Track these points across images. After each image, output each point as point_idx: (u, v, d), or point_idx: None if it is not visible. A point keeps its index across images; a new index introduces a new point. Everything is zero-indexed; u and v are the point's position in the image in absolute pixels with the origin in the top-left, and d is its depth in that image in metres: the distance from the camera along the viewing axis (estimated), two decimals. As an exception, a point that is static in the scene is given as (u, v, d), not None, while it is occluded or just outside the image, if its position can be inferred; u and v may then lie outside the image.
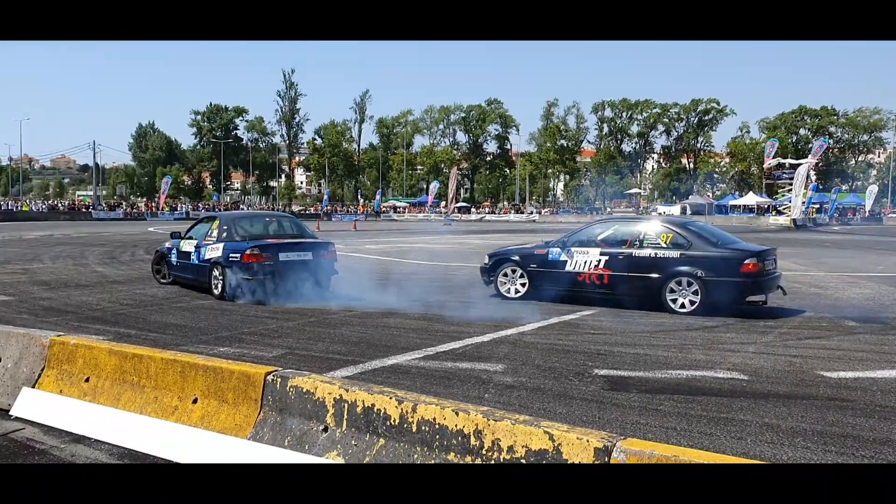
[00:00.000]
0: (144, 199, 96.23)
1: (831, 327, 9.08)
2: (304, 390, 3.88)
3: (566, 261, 10.97)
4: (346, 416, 3.71)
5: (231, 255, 11.02)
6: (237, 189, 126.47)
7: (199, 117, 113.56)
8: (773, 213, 69.12)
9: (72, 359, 4.88)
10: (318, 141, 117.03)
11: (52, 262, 17.96)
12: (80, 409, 4.64)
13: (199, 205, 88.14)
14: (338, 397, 3.75)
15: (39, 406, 4.81)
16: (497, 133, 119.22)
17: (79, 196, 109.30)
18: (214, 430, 4.07)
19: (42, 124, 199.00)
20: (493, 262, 11.92)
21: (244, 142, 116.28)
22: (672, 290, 10.04)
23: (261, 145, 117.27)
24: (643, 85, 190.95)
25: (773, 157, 68.54)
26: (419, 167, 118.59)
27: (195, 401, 4.27)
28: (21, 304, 10.45)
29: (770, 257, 10.26)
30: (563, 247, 11.16)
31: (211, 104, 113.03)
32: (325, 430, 3.76)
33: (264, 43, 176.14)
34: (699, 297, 9.81)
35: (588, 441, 3.00)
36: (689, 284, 9.92)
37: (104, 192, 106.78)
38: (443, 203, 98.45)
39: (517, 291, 11.49)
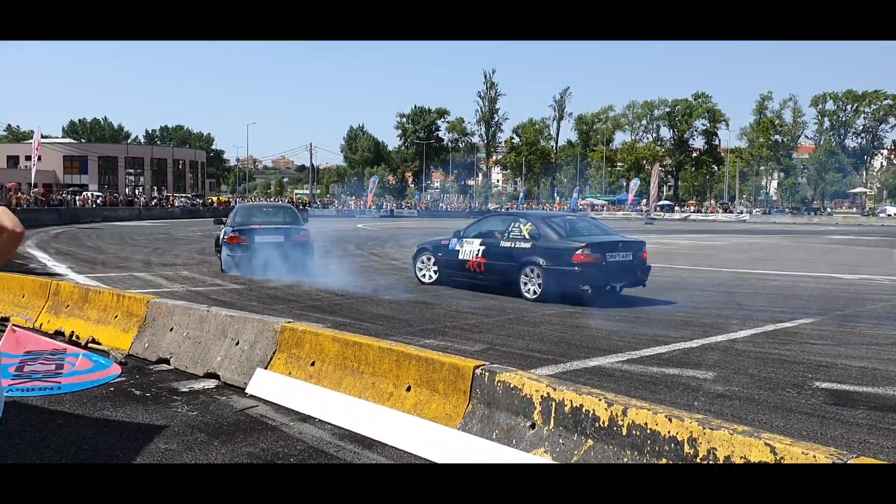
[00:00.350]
0: (353, 198, 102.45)
1: None
2: (512, 386, 3.95)
3: (459, 250, 12.15)
4: (553, 415, 3.73)
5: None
6: (437, 188, 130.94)
7: (403, 119, 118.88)
8: None
9: (300, 344, 5.32)
10: (516, 139, 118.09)
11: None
12: (306, 390, 5.04)
13: (402, 203, 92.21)
14: (545, 395, 3.78)
15: (271, 386, 5.28)
16: (704, 128, 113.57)
17: (296, 194, 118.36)
18: (426, 417, 4.26)
19: (265, 128, 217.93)
20: (416, 252, 13.41)
21: (445, 142, 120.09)
22: (525, 277, 10.99)
23: (460, 145, 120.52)
24: (870, 75, 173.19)
25: None
26: (619, 164, 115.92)
27: (409, 388, 4.49)
28: (250, 292, 11.53)
29: (618, 249, 10.67)
30: (458, 238, 12.34)
31: (415, 107, 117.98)
32: (533, 426, 3.80)
33: (466, 44, 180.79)
34: (542, 285, 10.69)
35: (815, 457, 2.80)
36: (535, 273, 10.85)
37: (318, 191, 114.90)
38: (643, 201, 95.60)
39: (430, 277, 12.83)
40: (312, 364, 5.16)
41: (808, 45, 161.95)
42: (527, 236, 11.19)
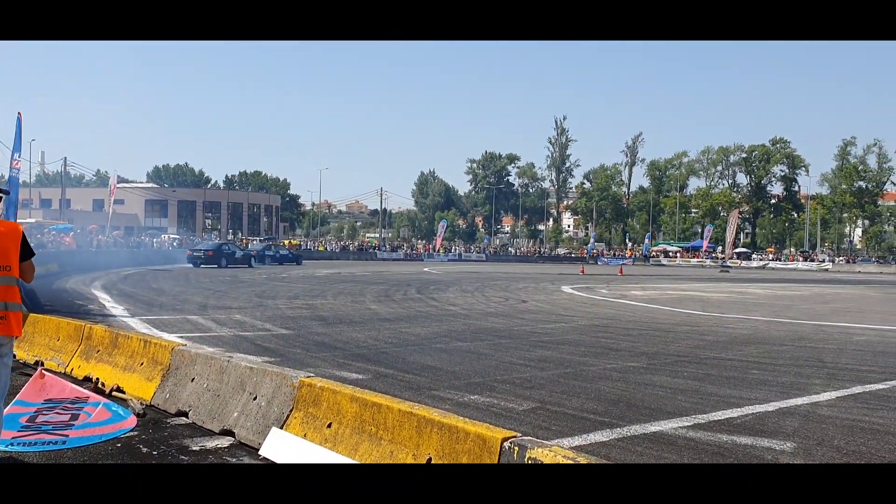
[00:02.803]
0: (423, 241, 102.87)
1: None
2: (544, 464, 3.32)
3: None
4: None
5: None
6: (507, 232, 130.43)
7: (474, 165, 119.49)
8: None
9: (317, 402, 4.80)
10: (587, 185, 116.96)
11: (334, 298, 19.38)
12: (321, 456, 4.50)
13: (471, 247, 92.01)
14: (582, 479, 3.13)
15: (285, 449, 4.76)
16: (783, 174, 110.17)
17: (367, 237, 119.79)
18: (445, 497, 3.65)
19: (340, 172, 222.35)
20: None
21: (515, 187, 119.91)
22: None
23: (530, 190, 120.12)
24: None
25: None
26: (693, 210, 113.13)
27: (429, 460, 3.90)
28: (297, 338, 11.15)
29: None
30: None
31: (486, 152, 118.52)
32: (567, 516, 3.15)
33: (538, 90, 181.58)
34: None
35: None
36: None
37: (389, 234, 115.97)
38: (719, 248, 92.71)
39: None
40: (329, 426, 4.62)
41: (894, 89, 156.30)
42: None
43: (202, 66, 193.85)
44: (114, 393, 6.53)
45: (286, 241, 75.95)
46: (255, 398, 5.30)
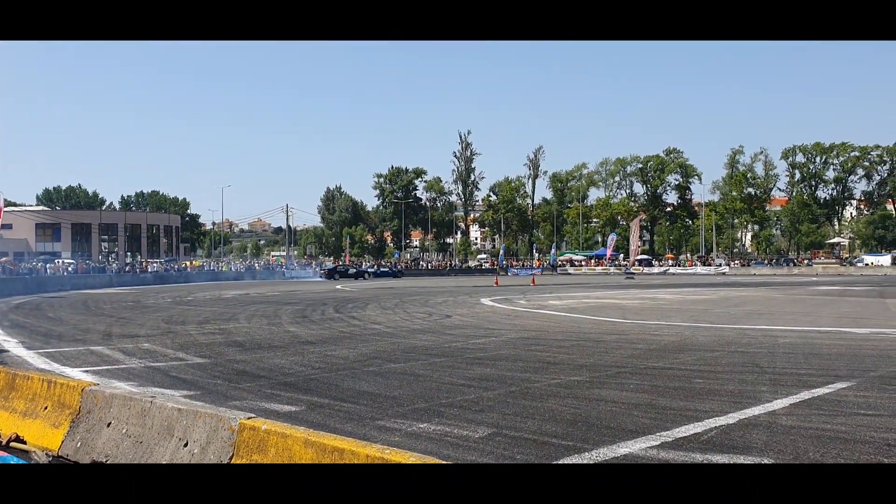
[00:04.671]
0: (332, 258, 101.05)
1: None
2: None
3: None
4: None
5: None
6: (416, 246, 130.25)
7: (381, 179, 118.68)
8: None
9: (263, 448, 4.15)
10: (493, 197, 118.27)
11: (248, 321, 18.37)
12: (271, 511, 3.85)
13: (381, 262, 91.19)
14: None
15: (227, 504, 4.08)
16: (677, 183, 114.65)
17: (272, 256, 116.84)
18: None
19: (241, 191, 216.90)
20: None
21: (423, 201, 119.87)
22: None
23: (438, 204, 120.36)
24: (838, 128, 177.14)
25: None
26: (594, 220, 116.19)
27: (408, 514, 3.33)
28: (215, 367, 10.29)
29: None
30: None
31: (392, 167, 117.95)
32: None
33: (442, 105, 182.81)
34: None
35: None
36: None
37: (295, 253, 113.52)
38: (621, 255, 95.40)
39: None
40: (280, 475, 3.98)
41: (778, 99, 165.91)
42: None
43: (92, 79, 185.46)
44: (12, 444, 5.62)
45: (187, 263, 73.01)
46: (185, 444, 4.58)
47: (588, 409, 7.20)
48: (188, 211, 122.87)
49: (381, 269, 73.82)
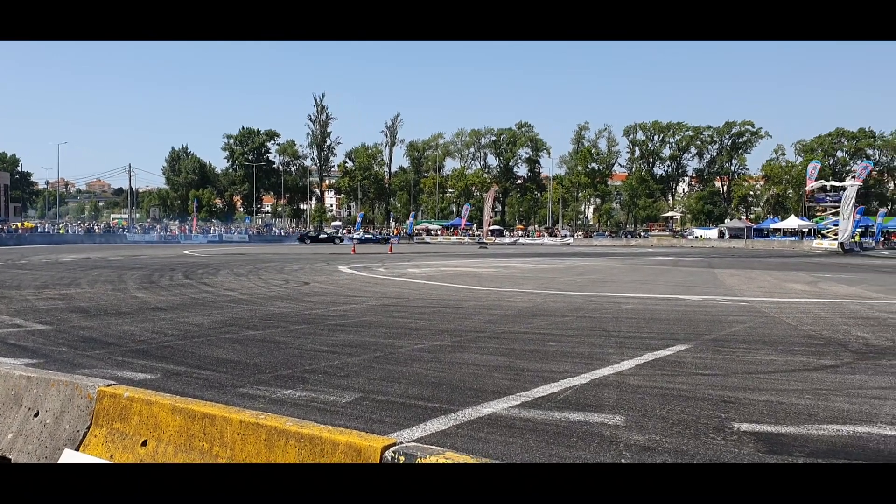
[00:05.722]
0: (177, 222, 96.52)
1: (972, 368, 7.90)
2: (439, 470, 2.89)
3: None
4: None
5: None
6: (268, 212, 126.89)
7: (231, 141, 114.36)
8: (818, 237, 67.13)
9: (125, 416, 3.95)
10: (349, 164, 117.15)
11: (91, 286, 17.26)
12: (135, 481, 3.69)
13: (232, 227, 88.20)
14: (492, 487, 2.75)
15: (85, 476, 3.86)
16: (528, 156, 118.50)
17: (113, 219, 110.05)
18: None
19: (79, 149, 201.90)
20: None
21: (276, 165, 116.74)
22: None
23: (292, 168, 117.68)
24: (676, 108, 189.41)
25: (816, 180, 66.71)
26: (450, 190, 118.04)
27: (285, 478, 3.29)
28: (59, 333, 9.62)
29: None
30: None
31: (243, 128, 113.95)
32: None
33: (296, 66, 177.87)
34: None
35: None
36: None
37: (138, 216, 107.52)
38: (475, 226, 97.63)
39: None
40: (144, 444, 3.82)
41: (622, 77, 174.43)
42: None
43: None
44: None
45: (18, 224, 67.35)
46: (36, 415, 4.27)
47: (451, 372, 7.38)
48: (18, 168, 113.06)
49: (366, 236, 70.47)
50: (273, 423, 3.46)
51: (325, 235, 64.94)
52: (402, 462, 2.98)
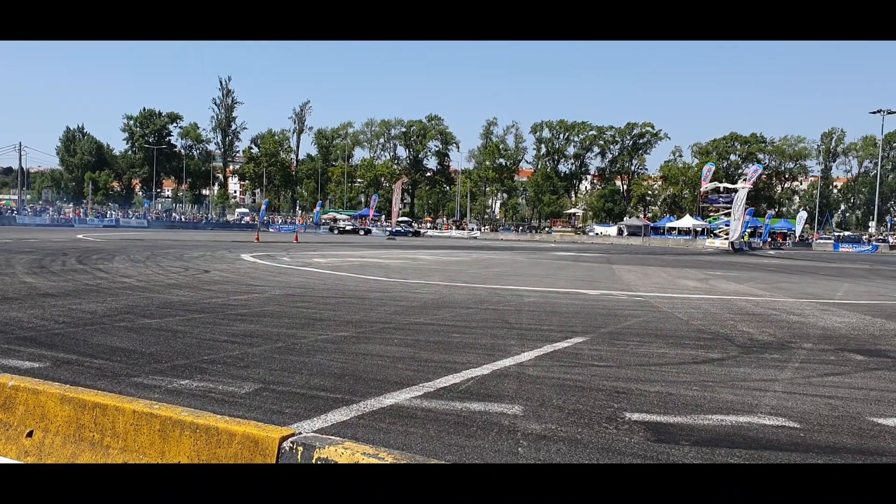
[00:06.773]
0: (71, 205, 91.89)
1: (841, 361, 8.51)
2: (338, 465, 2.91)
3: None
4: None
5: None
6: (168, 196, 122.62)
7: (131, 122, 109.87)
8: (710, 236, 70.42)
9: (9, 405, 3.78)
10: (255, 150, 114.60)
11: (-29, 270, 16.26)
12: (19, 474, 3.54)
13: (129, 212, 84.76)
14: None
15: (-37, 469, 3.68)
16: (437, 149, 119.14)
17: (1, 200, 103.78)
18: (211, 513, 3.05)
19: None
20: None
21: (177, 149, 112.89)
22: None
23: (195, 153, 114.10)
24: (581, 108, 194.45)
25: (710, 182, 69.87)
26: (359, 180, 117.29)
27: (180, 469, 3.24)
28: (-65, 320, 9.05)
29: None
30: None
31: (144, 109, 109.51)
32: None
33: (201, 48, 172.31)
34: None
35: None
36: None
37: (28, 197, 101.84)
38: (383, 216, 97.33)
39: None
40: (30, 435, 3.67)
41: (531, 75, 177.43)
42: None
43: None
44: None
45: None
46: None
47: (355, 363, 7.37)
48: None
49: (396, 230, 65.79)
50: (168, 414, 3.40)
51: (351, 227, 62.42)
52: (300, 452, 2.99)
